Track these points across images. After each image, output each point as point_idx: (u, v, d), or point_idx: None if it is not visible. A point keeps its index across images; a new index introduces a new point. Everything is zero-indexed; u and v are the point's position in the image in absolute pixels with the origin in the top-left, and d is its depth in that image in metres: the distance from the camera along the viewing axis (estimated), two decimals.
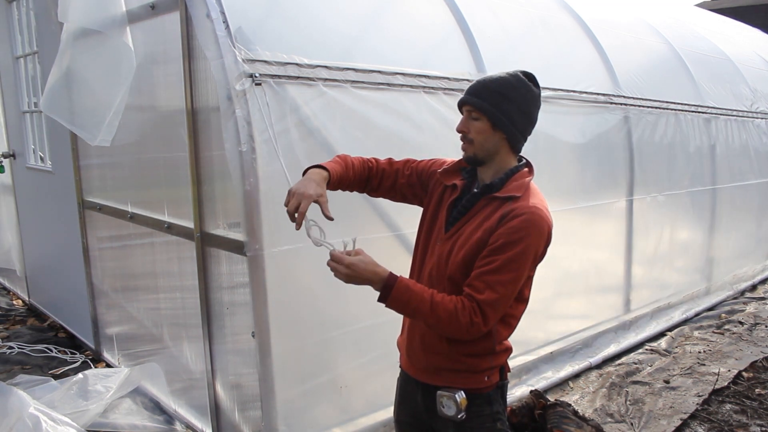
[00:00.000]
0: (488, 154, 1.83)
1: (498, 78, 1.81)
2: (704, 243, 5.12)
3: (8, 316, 4.93)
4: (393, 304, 1.72)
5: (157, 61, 2.89)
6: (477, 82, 1.84)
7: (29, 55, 4.55)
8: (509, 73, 1.82)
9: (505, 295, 1.72)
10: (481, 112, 1.79)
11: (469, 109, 1.82)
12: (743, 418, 3.36)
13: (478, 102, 1.79)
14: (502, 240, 1.70)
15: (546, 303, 3.70)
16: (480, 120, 1.80)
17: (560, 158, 3.69)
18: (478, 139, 1.81)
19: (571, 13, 4.41)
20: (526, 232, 1.69)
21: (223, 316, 2.66)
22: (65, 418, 2.78)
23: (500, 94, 1.78)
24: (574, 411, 2.90)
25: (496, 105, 1.78)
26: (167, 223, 2.96)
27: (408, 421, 2.03)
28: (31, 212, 4.86)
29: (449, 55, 3.26)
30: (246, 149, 2.28)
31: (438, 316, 1.70)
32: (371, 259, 1.73)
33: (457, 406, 1.80)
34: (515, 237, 1.69)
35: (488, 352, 1.85)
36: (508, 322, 1.87)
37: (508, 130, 1.80)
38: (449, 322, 1.70)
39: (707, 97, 5.26)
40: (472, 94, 1.82)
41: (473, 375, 1.86)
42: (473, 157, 1.84)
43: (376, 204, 2.72)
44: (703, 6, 12.60)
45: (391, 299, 1.71)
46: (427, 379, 1.91)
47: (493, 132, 1.80)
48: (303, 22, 2.68)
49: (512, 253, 1.69)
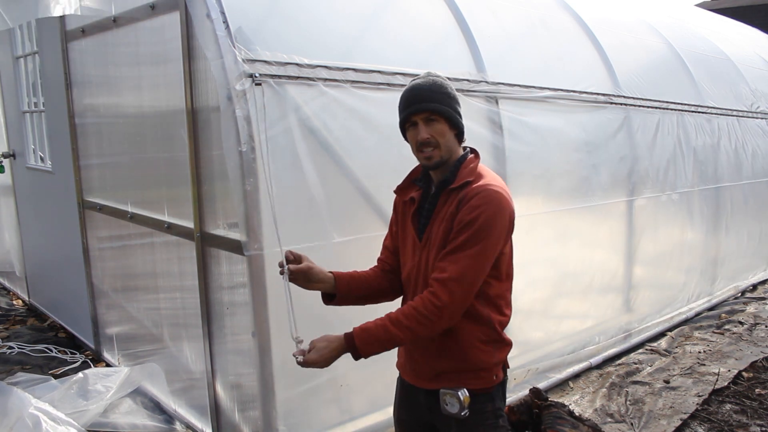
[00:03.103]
0: (449, 153, 1.87)
1: (432, 81, 1.87)
2: (704, 243, 5.12)
3: (8, 316, 4.93)
4: (368, 349, 1.76)
5: (157, 61, 2.89)
6: (417, 89, 1.86)
7: (29, 55, 4.55)
8: (428, 74, 1.90)
9: (471, 267, 1.74)
10: (439, 114, 1.83)
11: (427, 116, 1.84)
12: (743, 418, 3.36)
13: (437, 106, 1.83)
14: (463, 220, 1.76)
15: (546, 303, 3.70)
16: (438, 122, 1.84)
17: (560, 158, 3.69)
18: (442, 141, 1.85)
19: (571, 13, 4.41)
20: (484, 207, 1.74)
21: (223, 316, 2.66)
22: (65, 416, 2.78)
23: (445, 94, 1.86)
24: (569, 411, 2.89)
25: (448, 104, 1.85)
26: (167, 223, 2.96)
27: (408, 420, 2.04)
28: (31, 212, 4.87)
29: (449, 55, 3.26)
30: (246, 149, 2.28)
31: (408, 327, 1.74)
32: (321, 340, 1.78)
33: (460, 403, 1.81)
34: (474, 213, 1.74)
35: (490, 340, 1.85)
36: (496, 304, 1.86)
37: (461, 125, 1.88)
38: (419, 323, 1.74)
39: (707, 97, 5.26)
40: (426, 101, 1.84)
41: (482, 373, 1.86)
42: (440, 161, 1.87)
43: (376, 204, 2.72)
44: (703, 6, 12.60)
45: (362, 349, 1.75)
46: (428, 386, 1.92)
47: (450, 131, 1.86)
48: (303, 22, 2.68)
49: (473, 229, 1.73)
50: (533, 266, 3.51)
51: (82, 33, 3.44)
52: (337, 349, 1.76)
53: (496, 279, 1.84)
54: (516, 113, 3.39)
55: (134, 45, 3.02)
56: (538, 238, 3.57)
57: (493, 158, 3.24)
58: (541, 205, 3.57)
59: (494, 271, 1.82)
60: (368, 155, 2.72)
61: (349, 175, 2.64)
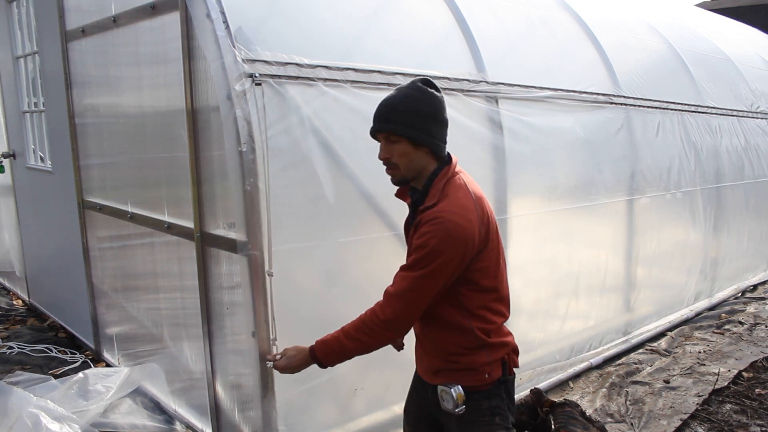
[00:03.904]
0: (416, 172, 1.88)
1: (403, 96, 1.85)
2: (704, 243, 5.12)
3: (8, 316, 4.93)
4: (329, 360, 1.92)
5: (157, 61, 2.89)
6: (384, 106, 1.87)
7: (29, 55, 4.55)
8: (409, 86, 1.87)
9: (415, 288, 1.79)
10: (399, 134, 1.83)
11: (386, 136, 1.86)
12: (743, 418, 3.36)
13: (393, 127, 1.83)
14: (414, 243, 1.81)
15: (546, 303, 3.70)
16: (399, 143, 1.84)
17: (560, 158, 3.69)
18: (403, 162, 1.86)
19: (571, 13, 4.41)
20: (432, 234, 1.76)
21: (223, 316, 2.66)
22: (65, 412, 2.78)
23: (412, 113, 1.82)
24: (581, 412, 2.89)
25: (411, 124, 1.82)
26: (167, 223, 2.96)
27: (416, 411, 2.13)
28: (31, 212, 4.86)
29: (449, 55, 3.26)
30: (246, 149, 2.28)
31: (358, 339, 1.85)
32: (293, 349, 2.02)
33: (454, 400, 1.87)
34: (423, 240, 1.78)
35: (476, 346, 1.89)
36: (477, 314, 1.89)
37: (430, 142, 1.85)
38: (368, 335, 1.83)
39: (707, 97, 5.26)
40: (385, 121, 1.85)
41: (473, 372, 1.91)
42: (403, 180, 1.92)
43: (376, 204, 2.72)
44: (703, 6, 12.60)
45: (324, 360, 1.92)
46: (432, 381, 1.99)
47: (415, 150, 1.85)
48: (303, 22, 2.68)
49: (422, 253, 1.77)
50: (532, 266, 3.51)
51: (82, 33, 3.44)
52: (304, 359, 1.95)
53: (474, 291, 1.87)
54: (516, 113, 3.39)
55: (134, 45, 3.02)
56: (539, 238, 3.57)
57: (493, 158, 3.24)
58: (542, 205, 3.57)
59: (472, 285, 1.85)
60: (368, 155, 2.71)
61: (349, 176, 2.64)
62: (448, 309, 1.87)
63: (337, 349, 1.88)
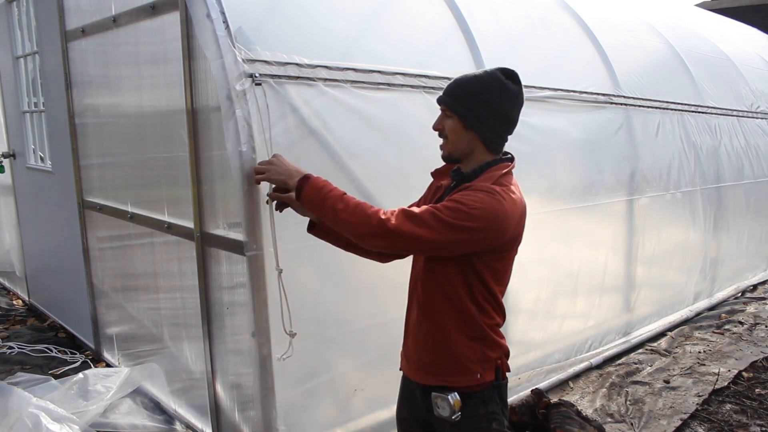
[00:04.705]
0: (463, 153, 1.86)
1: (473, 77, 1.83)
2: (704, 243, 5.12)
3: (8, 316, 4.93)
4: (309, 194, 1.82)
5: (157, 61, 2.89)
6: (453, 81, 1.87)
7: (29, 55, 4.55)
8: (487, 71, 1.83)
9: (428, 223, 1.69)
10: (452, 111, 1.82)
11: (443, 108, 1.85)
12: (743, 418, 3.36)
13: (450, 101, 1.83)
14: (456, 196, 1.74)
15: (546, 303, 3.70)
16: (452, 119, 1.83)
17: (560, 158, 3.69)
18: (452, 138, 1.84)
19: (571, 13, 4.41)
20: (475, 199, 1.71)
21: (223, 316, 2.66)
22: (65, 412, 2.78)
23: (471, 93, 1.80)
24: (577, 411, 2.90)
25: (466, 104, 1.80)
26: (167, 223, 2.96)
27: (408, 418, 2.05)
28: (31, 212, 4.86)
29: (449, 56, 3.26)
30: (246, 149, 2.28)
31: (345, 210, 1.75)
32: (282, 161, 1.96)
33: (450, 407, 1.81)
34: (465, 198, 1.72)
35: (475, 336, 1.84)
36: (481, 305, 1.84)
37: (480, 129, 1.82)
38: (356, 216, 1.74)
39: (707, 97, 5.26)
40: (446, 93, 1.85)
41: (463, 370, 1.85)
42: (449, 156, 1.88)
43: (376, 204, 2.71)
44: (703, 6, 12.60)
45: (306, 190, 1.82)
46: (422, 380, 1.93)
47: (465, 131, 1.82)
48: (303, 22, 2.68)
49: (455, 206, 1.70)
50: (532, 266, 3.51)
51: (82, 33, 3.44)
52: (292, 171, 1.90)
53: (482, 286, 1.81)
54: None
55: (134, 45, 3.02)
56: (539, 238, 3.57)
57: None
58: (542, 205, 3.57)
59: (482, 283, 1.80)
60: (368, 155, 2.72)
61: (349, 175, 2.64)
62: (459, 291, 1.81)
63: (326, 195, 1.79)
